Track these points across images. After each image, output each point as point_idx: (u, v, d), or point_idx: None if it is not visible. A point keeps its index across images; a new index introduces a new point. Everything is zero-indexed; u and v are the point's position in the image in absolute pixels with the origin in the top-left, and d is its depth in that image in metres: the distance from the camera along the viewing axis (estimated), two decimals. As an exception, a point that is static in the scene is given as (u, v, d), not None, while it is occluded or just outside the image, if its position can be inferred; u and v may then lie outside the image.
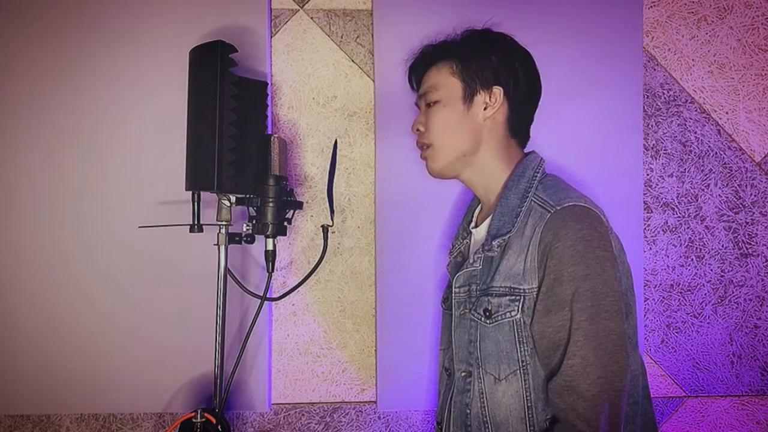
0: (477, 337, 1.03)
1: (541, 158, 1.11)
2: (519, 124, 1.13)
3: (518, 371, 0.98)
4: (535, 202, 1.01)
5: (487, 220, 1.09)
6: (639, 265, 1.42)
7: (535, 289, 0.97)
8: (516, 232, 1.01)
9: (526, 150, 1.16)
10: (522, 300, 0.97)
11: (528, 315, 0.97)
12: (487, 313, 1.01)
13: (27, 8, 1.37)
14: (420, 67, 1.20)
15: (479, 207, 1.21)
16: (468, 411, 1.05)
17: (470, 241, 1.17)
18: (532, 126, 1.17)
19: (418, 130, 1.16)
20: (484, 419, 1.02)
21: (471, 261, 1.08)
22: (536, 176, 1.06)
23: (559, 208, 0.96)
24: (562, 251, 0.93)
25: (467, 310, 1.07)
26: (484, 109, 1.09)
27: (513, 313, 0.98)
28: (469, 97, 1.09)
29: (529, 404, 0.98)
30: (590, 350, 0.90)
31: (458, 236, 1.23)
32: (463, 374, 1.07)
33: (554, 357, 0.94)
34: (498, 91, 1.08)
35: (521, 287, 0.98)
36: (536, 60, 1.14)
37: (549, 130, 1.37)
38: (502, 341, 0.99)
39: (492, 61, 1.09)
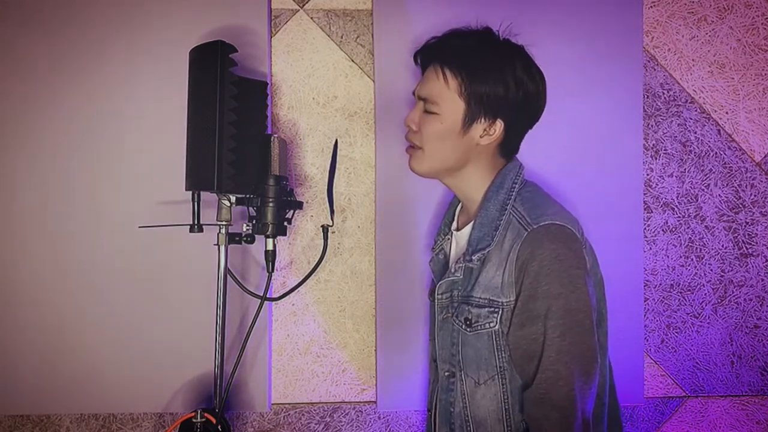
0: (459, 341, 1.07)
1: (521, 164, 1.10)
2: (511, 146, 1.10)
3: (496, 377, 1.03)
4: (513, 215, 1.03)
5: (468, 227, 1.09)
6: (639, 265, 1.42)
7: (512, 302, 1.00)
8: (495, 245, 1.02)
9: None
10: (500, 312, 1.01)
11: (505, 326, 1.01)
12: (468, 322, 1.04)
13: (28, 10, 1.37)
14: (428, 57, 1.12)
15: (460, 205, 1.20)
16: (452, 409, 1.10)
17: (451, 240, 1.18)
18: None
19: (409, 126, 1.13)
20: (466, 418, 1.07)
21: (452, 270, 1.09)
22: (515, 186, 1.06)
23: (536, 226, 0.98)
24: (538, 270, 0.96)
25: (449, 315, 1.10)
26: (481, 136, 1.05)
27: (491, 324, 1.01)
28: (468, 123, 1.05)
29: (506, 407, 1.03)
30: (562, 365, 0.94)
31: (440, 232, 1.24)
32: (446, 374, 1.11)
33: (528, 367, 0.99)
34: (500, 124, 1.05)
35: (499, 300, 1.01)
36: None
37: (548, 130, 1.36)
38: (481, 348, 1.03)
39: (502, 88, 1.03)
